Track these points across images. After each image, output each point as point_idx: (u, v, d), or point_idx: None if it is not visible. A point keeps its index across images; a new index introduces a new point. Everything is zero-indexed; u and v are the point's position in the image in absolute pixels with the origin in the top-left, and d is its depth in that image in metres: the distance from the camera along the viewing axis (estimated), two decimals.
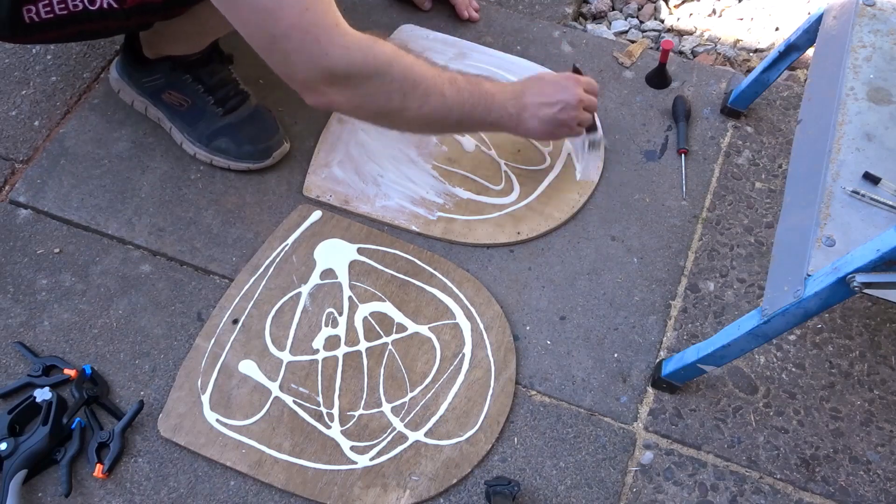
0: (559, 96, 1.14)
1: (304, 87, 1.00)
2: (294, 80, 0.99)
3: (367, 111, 1.05)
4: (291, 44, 0.93)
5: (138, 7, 1.04)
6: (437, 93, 1.04)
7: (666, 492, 1.03)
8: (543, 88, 1.15)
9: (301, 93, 1.01)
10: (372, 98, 1.01)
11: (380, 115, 1.07)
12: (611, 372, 1.11)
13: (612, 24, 1.60)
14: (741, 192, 1.27)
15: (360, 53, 0.97)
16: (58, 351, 1.12)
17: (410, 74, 1.02)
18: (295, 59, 0.95)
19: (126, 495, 1.02)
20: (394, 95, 1.01)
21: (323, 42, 0.94)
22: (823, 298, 0.83)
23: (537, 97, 1.14)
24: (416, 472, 1.02)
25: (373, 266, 1.18)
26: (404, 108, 1.03)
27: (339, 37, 0.95)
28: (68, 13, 1.04)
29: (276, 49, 0.95)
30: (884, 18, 1.06)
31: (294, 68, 0.97)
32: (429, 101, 1.04)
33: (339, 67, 0.96)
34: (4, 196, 1.26)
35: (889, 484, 1.03)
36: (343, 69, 0.96)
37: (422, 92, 1.03)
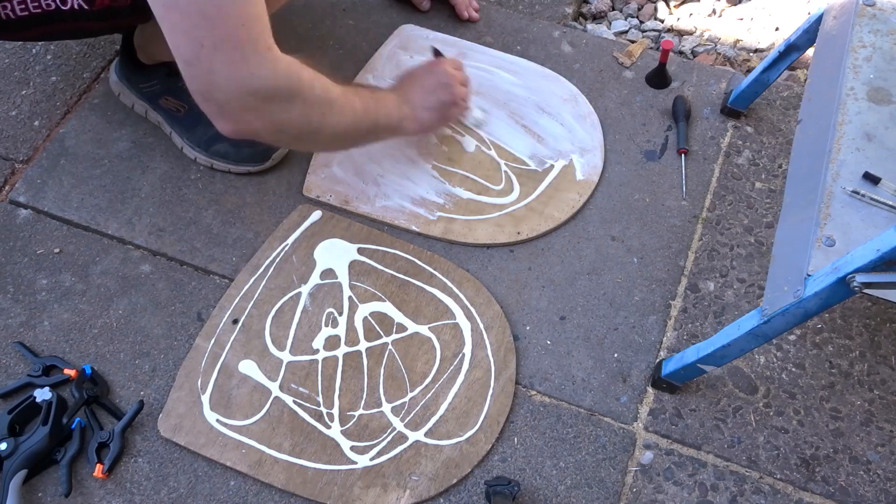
0: (434, 80, 1.18)
1: (220, 109, 0.94)
2: (212, 98, 0.92)
3: (288, 134, 1.02)
4: (219, 56, 0.88)
5: (107, 10, 1.05)
6: (350, 108, 1.04)
7: (666, 492, 1.03)
8: (419, 81, 1.19)
9: (215, 118, 0.95)
10: (293, 119, 0.99)
11: (299, 137, 1.04)
12: (611, 372, 1.11)
13: (612, 24, 1.60)
14: (741, 192, 1.27)
15: (285, 76, 0.94)
16: (58, 351, 1.12)
17: (327, 94, 1.01)
18: (219, 74, 0.89)
19: (126, 495, 1.02)
20: (313, 116, 1.00)
21: (252, 62, 0.90)
22: (823, 298, 0.83)
23: (418, 90, 1.17)
24: (416, 472, 1.02)
25: (373, 266, 1.18)
26: (322, 127, 1.02)
27: (269, 60, 0.92)
28: (42, 12, 1.05)
29: (201, 60, 0.88)
30: (884, 18, 1.06)
31: (215, 86, 0.90)
32: (343, 118, 1.04)
33: (263, 89, 0.92)
34: (4, 196, 1.26)
35: (889, 484, 1.03)
36: (266, 91, 0.93)
37: (337, 110, 1.02)
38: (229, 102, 0.92)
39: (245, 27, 0.88)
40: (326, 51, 1.42)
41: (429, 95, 1.18)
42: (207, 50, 0.87)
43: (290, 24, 1.45)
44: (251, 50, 0.90)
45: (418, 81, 1.19)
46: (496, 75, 1.37)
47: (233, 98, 0.92)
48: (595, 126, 1.32)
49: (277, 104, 0.95)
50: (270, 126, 0.98)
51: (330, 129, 1.03)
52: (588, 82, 1.38)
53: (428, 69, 1.21)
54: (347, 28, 1.45)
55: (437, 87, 1.18)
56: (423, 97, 1.17)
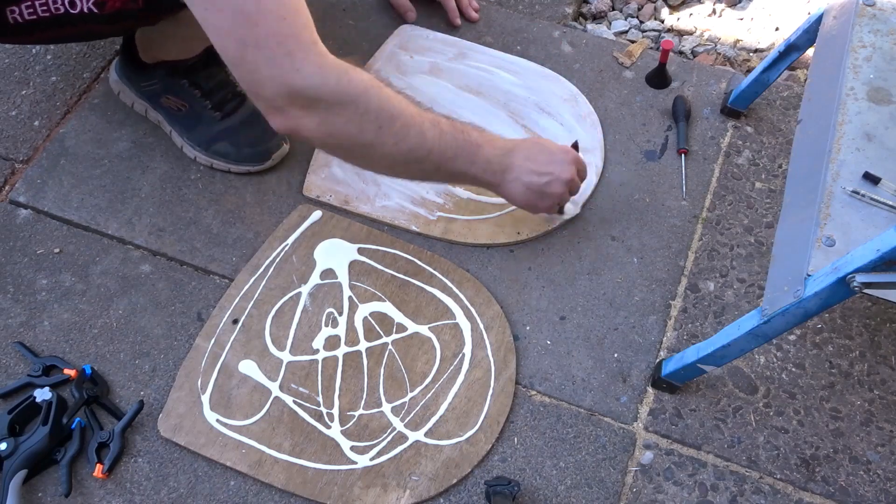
0: (551, 168, 1.08)
1: (270, 105, 0.92)
2: (260, 96, 0.91)
3: (338, 141, 0.96)
4: (263, 54, 0.87)
5: (117, 13, 1.04)
6: (417, 131, 0.97)
7: (666, 492, 1.03)
8: (536, 154, 1.08)
9: (266, 113, 0.93)
10: (343, 127, 0.93)
11: (352, 148, 0.97)
12: (611, 372, 1.11)
13: (612, 24, 1.60)
14: (741, 192, 1.27)
15: (334, 75, 0.90)
16: (58, 351, 1.12)
17: (388, 106, 0.95)
18: (264, 71, 0.88)
19: (126, 495, 1.02)
20: (368, 127, 0.94)
21: (297, 57, 0.87)
22: (823, 298, 0.83)
23: (527, 161, 1.07)
24: (416, 472, 1.02)
25: (373, 266, 1.18)
26: (379, 142, 0.95)
27: (314, 55, 0.89)
28: (50, 15, 1.04)
29: (247, 58, 0.88)
30: (884, 18, 1.06)
31: (262, 82, 0.89)
32: (407, 138, 0.96)
33: (309, 87, 0.89)
34: (4, 196, 1.26)
35: (889, 484, 1.03)
36: (313, 89, 0.89)
37: (399, 127, 0.95)
38: (278, 98, 0.90)
39: (286, 21, 0.87)
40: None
41: (535, 175, 1.07)
42: (251, 49, 0.86)
43: None
44: (295, 45, 0.87)
45: (538, 155, 1.08)
46: (496, 75, 1.37)
47: (280, 94, 0.89)
48: (595, 126, 1.32)
49: (326, 105, 0.91)
50: (320, 129, 0.93)
51: (386, 147, 0.95)
52: (588, 82, 1.38)
53: (560, 155, 1.10)
54: (347, 28, 1.45)
55: (550, 175, 1.08)
56: (528, 172, 1.07)
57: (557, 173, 1.09)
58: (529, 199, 1.10)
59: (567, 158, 1.10)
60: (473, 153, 1.03)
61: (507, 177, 1.07)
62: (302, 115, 0.91)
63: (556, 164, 1.09)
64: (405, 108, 0.96)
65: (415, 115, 0.97)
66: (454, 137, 1.01)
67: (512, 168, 1.07)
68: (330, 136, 0.94)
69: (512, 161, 1.07)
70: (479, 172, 1.05)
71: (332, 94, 0.90)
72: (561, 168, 1.09)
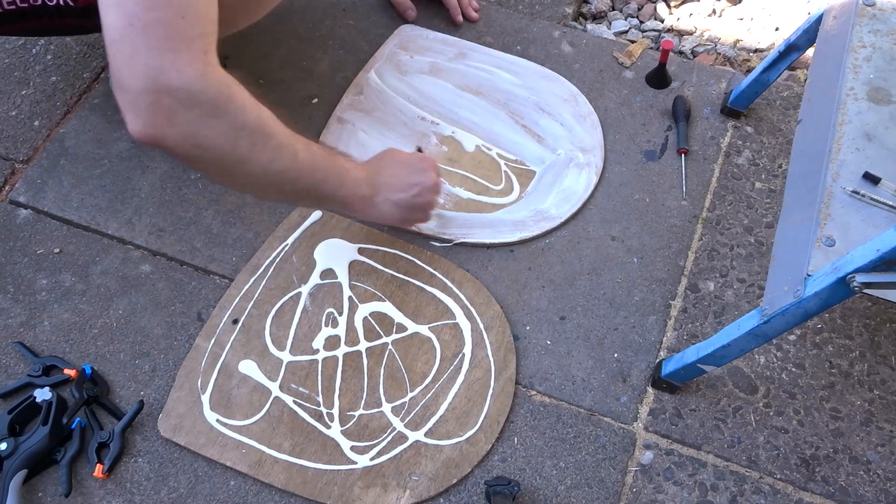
0: (415, 178, 1.09)
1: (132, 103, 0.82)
2: (126, 87, 0.81)
3: (206, 154, 0.88)
4: (146, 40, 0.79)
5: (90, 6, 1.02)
6: (290, 151, 0.94)
7: (666, 492, 1.03)
8: (398, 171, 1.09)
9: (127, 111, 0.83)
10: (215, 140, 0.86)
11: (220, 163, 0.90)
12: (611, 372, 1.11)
13: (612, 24, 1.60)
14: (741, 192, 1.27)
15: (215, 85, 0.83)
16: (58, 351, 1.12)
17: (264, 125, 0.90)
18: (140, 59, 0.79)
19: (126, 495, 1.02)
20: (241, 142, 0.88)
21: (181, 56, 0.80)
22: (823, 298, 0.83)
23: (392, 179, 1.08)
24: (416, 472, 1.02)
25: (373, 266, 1.18)
26: (250, 159, 0.90)
27: (200, 61, 0.82)
28: (28, 6, 1.04)
29: (126, 38, 0.79)
30: (884, 18, 1.06)
31: (133, 71, 0.80)
32: (279, 158, 0.92)
33: (184, 90, 0.81)
34: (4, 196, 1.26)
35: (889, 484, 1.03)
36: (188, 94, 0.81)
37: (273, 146, 0.91)
38: (143, 95, 0.81)
39: (185, 20, 0.80)
40: (326, 51, 1.42)
41: (402, 191, 1.08)
42: (136, 29, 0.79)
43: (290, 24, 1.45)
44: (184, 44, 0.81)
45: (398, 170, 1.09)
46: (496, 75, 1.37)
47: (148, 90, 0.80)
48: (595, 126, 1.32)
49: (198, 113, 0.83)
50: (185, 138, 0.85)
51: (258, 166, 0.91)
52: (588, 82, 1.38)
53: (415, 163, 1.11)
54: (347, 28, 1.45)
55: (416, 185, 1.09)
56: (394, 188, 1.08)
57: (423, 182, 1.09)
58: (402, 215, 1.10)
59: (425, 165, 1.11)
60: (342, 177, 1.02)
61: (377, 199, 1.07)
62: (166, 122, 0.83)
63: (417, 174, 1.09)
64: (280, 129, 0.93)
65: (289, 136, 0.94)
66: (325, 161, 1.00)
67: (379, 189, 1.07)
68: (198, 147, 0.86)
69: (378, 181, 1.07)
70: (346, 196, 1.04)
71: (209, 101, 0.84)
72: (424, 176, 1.10)
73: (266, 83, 1.35)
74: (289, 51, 1.41)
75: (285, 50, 1.41)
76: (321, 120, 1.32)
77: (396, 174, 1.09)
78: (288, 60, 1.40)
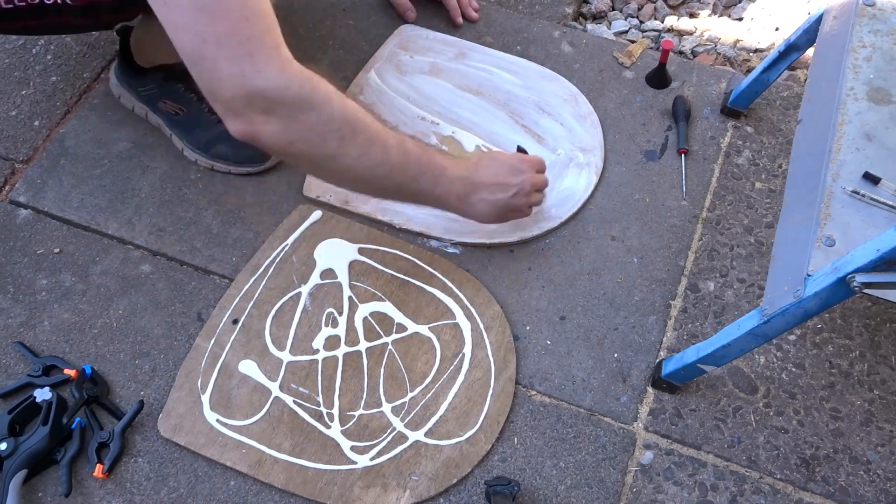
0: (513, 179, 1.09)
1: (228, 108, 0.88)
2: (219, 97, 0.87)
3: (299, 150, 0.93)
4: (222, 52, 0.83)
5: (89, 5, 1.03)
6: (380, 147, 0.96)
7: (666, 492, 1.03)
8: (497, 171, 1.10)
9: (224, 117, 0.89)
10: (305, 135, 0.91)
11: (313, 158, 0.95)
12: (611, 372, 1.11)
13: (612, 24, 1.60)
14: (741, 192, 1.27)
15: (297, 81, 0.87)
16: (58, 351, 1.12)
17: (352, 119, 0.93)
18: (224, 70, 0.84)
19: (126, 495, 1.02)
20: (330, 137, 0.91)
21: (258, 58, 0.84)
22: (823, 298, 0.83)
23: (490, 178, 1.09)
24: (416, 472, 1.02)
25: (373, 266, 1.18)
26: (341, 153, 0.93)
27: (277, 59, 0.86)
28: (27, 5, 1.04)
29: (205, 55, 0.84)
30: (884, 18, 1.06)
31: (221, 82, 0.85)
32: (369, 153, 0.95)
33: (270, 89, 0.86)
34: (4, 196, 1.26)
35: (889, 484, 1.03)
36: (275, 92, 0.86)
37: (363, 140, 0.94)
38: (237, 101, 0.87)
39: (249, 21, 0.84)
40: (326, 51, 1.42)
41: (499, 191, 1.09)
42: (210, 46, 0.83)
43: (290, 24, 1.44)
44: (257, 46, 0.85)
45: (497, 170, 1.10)
46: (496, 75, 1.37)
47: (238, 96, 0.86)
48: (595, 126, 1.32)
49: (288, 110, 0.88)
50: (281, 136, 0.90)
51: (348, 160, 0.94)
52: (588, 82, 1.38)
53: (514, 163, 1.12)
54: (347, 28, 1.45)
55: (514, 187, 1.09)
56: (491, 188, 1.08)
57: (520, 183, 1.10)
58: (499, 214, 1.12)
59: (525, 167, 1.12)
60: (438, 175, 1.04)
61: (473, 198, 1.08)
62: (262, 120, 0.88)
63: (516, 175, 1.10)
64: (370, 124, 0.95)
65: (379, 131, 0.96)
66: (418, 158, 1.01)
67: (476, 189, 1.08)
68: (291, 143, 0.91)
69: (475, 181, 1.08)
70: (442, 194, 1.06)
71: (294, 98, 0.88)
72: (522, 177, 1.10)
73: None
74: (288, 51, 1.41)
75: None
76: None
77: (496, 174, 1.09)
78: None
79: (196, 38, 0.84)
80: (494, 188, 1.09)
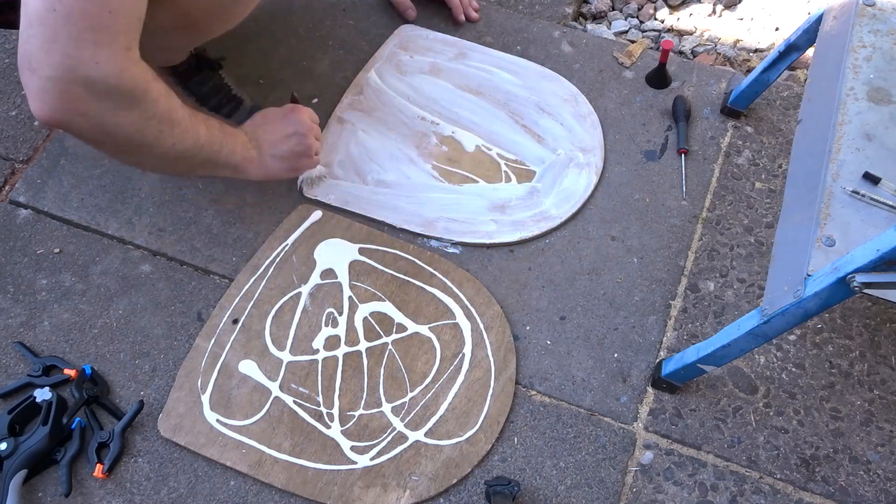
0: (290, 129, 1.14)
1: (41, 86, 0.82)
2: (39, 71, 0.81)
3: (112, 140, 0.92)
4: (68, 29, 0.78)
5: None
6: (193, 133, 0.99)
7: (666, 492, 1.03)
8: (273, 126, 1.14)
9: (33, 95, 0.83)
10: (124, 127, 0.90)
11: (126, 147, 0.95)
12: (611, 372, 1.11)
13: (612, 24, 1.60)
14: (741, 192, 1.27)
15: (131, 80, 0.86)
16: (58, 351, 1.12)
17: (172, 113, 0.95)
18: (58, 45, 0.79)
19: (126, 495, 1.02)
20: (149, 131, 0.93)
21: (101, 50, 0.81)
22: (823, 298, 0.83)
23: (270, 135, 1.13)
24: (416, 471, 1.02)
25: (373, 266, 1.18)
26: (156, 145, 0.95)
27: (121, 57, 0.84)
28: None
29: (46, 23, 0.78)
30: (884, 18, 1.06)
31: (49, 57, 0.80)
32: (183, 140, 0.98)
33: (101, 82, 0.83)
34: (4, 196, 1.26)
35: (889, 484, 1.03)
36: (105, 87, 0.84)
37: (179, 132, 0.97)
38: (54, 81, 0.81)
39: (112, 14, 0.81)
40: (326, 51, 1.42)
41: (281, 143, 1.14)
42: (58, 16, 0.78)
43: (290, 24, 1.45)
44: (106, 39, 0.81)
45: (272, 125, 1.14)
46: (496, 75, 1.37)
47: (61, 77, 0.81)
48: (595, 126, 1.32)
49: (112, 105, 0.86)
50: (93, 125, 0.88)
51: (164, 148, 0.96)
52: (588, 82, 1.38)
53: (284, 115, 1.15)
54: (347, 28, 1.45)
55: (292, 135, 1.14)
56: (274, 143, 1.13)
57: (298, 130, 1.14)
58: (289, 165, 1.16)
59: (296, 115, 1.15)
60: (233, 143, 1.08)
61: (263, 157, 1.12)
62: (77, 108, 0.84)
63: (291, 124, 1.14)
64: (183, 113, 0.98)
65: (191, 117, 0.99)
66: (220, 133, 1.06)
67: (262, 146, 1.12)
68: (105, 133, 0.91)
69: (259, 140, 1.12)
70: (238, 161, 1.09)
71: (124, 95, 0.87)
72: (297, 125, 1.14)
73: (266, 83, 1.35)
74: (289, 51, 1.41)
75: (285, 50, 1.41)
76: (321, 120, 1.32)
77: (273, 129, 1.14)
78: (288, 60, 1.40)
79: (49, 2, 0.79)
80: (277, 142, 1.13)
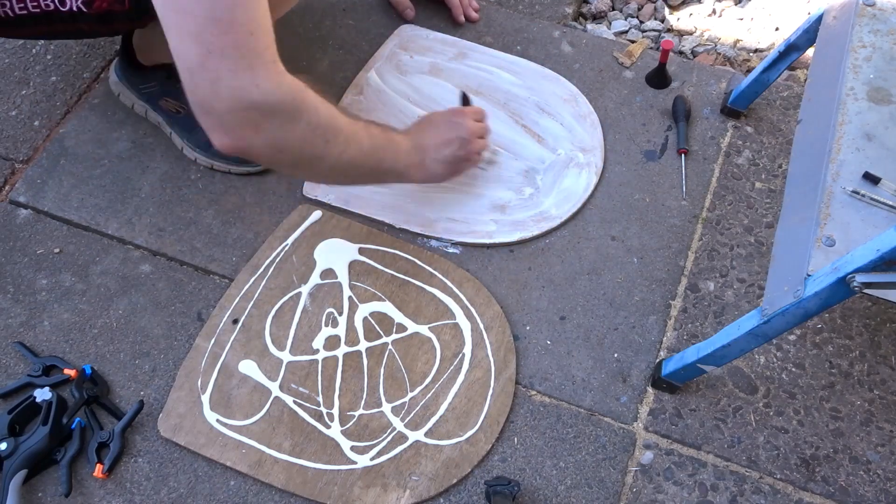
0: (453, 134, 1.15)
1: (219, 122, 0.89)
2: (213, 110, 0.88)
3: (287, 156, 0.97)
4: (225, 64, 0.84)
5: (105, 13, 1.04)
6: (356, 140, 1.01)
7: (666, 492, 1.03)
8: (436, 130, 1.15)
9: (213, 130, 0.90)
10: (293, 143, 0.94)
11: (298, 162, 0.99)
12: (611, 372, 1.11)
13: (612, 24, 1.60)
14: (741, 192, 1.27)
15: (290, 93, 0.91)
16: (58, 351, 1.12)
17: (333, 121, 0.98)
18: (223, 83, 0.85)
19: (126, 495, 1.02)
20: (317, 141, 0.96)
21: (258, 72, 0.86)
22: (823, 298, 0.83)
23: (433, 139, 1.14)
24: (416, 472, 1.02)
25: (373, 266, 1.18)
26: (325, 154, 0.98)
27: (274, 73, 0.89)
28: (41, 12, 1.04)
29: (208, 66, 0.84)
30: (884, 18, 1.06)
31: (218, 95, 0.86)
32: (348, 149, 1.00)
33: (266, 102, 0.88)
34: (4, 196, 1.26)
35: (889, 484, 1.03)
36: (269, 106, 0.88)
37: (343, 139, 0.99)
38: (229, 114, 0.88)
39: (254, 36, 0.85)
40: (326, 51, 1.42)
41: (443, 148, 1.14)
42: (215, 56, 0.84)
43: (290, 24, 1.44)
44: (258, 60, 0.86)
45: (435, 130, 1.15)
46: (496, 75, 1.37)
47: (234, 109, 0.87)
48: (595, 126, 1.32)
49: (279, 122, 0.91)
50: (269, 145, 0.93)
51: (332, 159, 0.99)
52: (588, 82, 1.38)
53: (449, 118, 1.17)
54: (347, 28, 1.45)
55: (455, 140, 1.15)
56: (436, 148, 1.14)
57: (460, 135, 1.15)
58: (452, 169, 1.17)
59: (459, 118, 1.17)
60: (397, 151, 1.09)
61: (426, 162, 1.13)
62: (252, 131, 0.90)
63: (454, 129, 1.16)
64: (344, 121, 1.00)
65: (354, 125, 1.01)
66: (382, 140, 1.07)
67: (426, 152, 1.13)
68: (280, 151, 0.95)
69: (422, 145, 1.13)
70: (403, 168, 1.10)
71: (286, 109, 0.91)
72: (460, 129, 1.16)
73: None
74: (289, 51, 1.40)
75: (285, 50, 1.40)
76: None
77: (437, 133, 1.15)
78: (288, 60, 1.38)
79: (202, 47, 0.84)
80: (440, 147, 1.14)
